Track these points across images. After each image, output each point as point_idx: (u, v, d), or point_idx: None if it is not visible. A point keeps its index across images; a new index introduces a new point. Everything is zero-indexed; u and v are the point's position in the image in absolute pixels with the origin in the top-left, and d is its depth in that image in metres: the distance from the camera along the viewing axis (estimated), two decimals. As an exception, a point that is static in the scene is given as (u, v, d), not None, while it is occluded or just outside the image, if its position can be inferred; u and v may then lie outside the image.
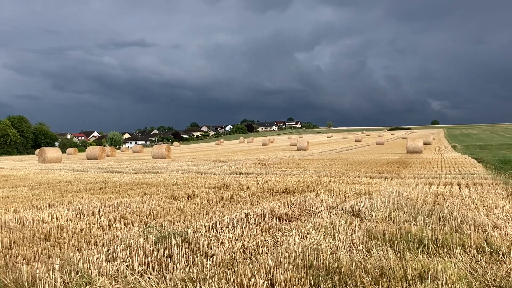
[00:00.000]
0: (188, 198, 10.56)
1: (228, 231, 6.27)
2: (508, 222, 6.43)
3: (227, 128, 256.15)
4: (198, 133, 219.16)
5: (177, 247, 5.20)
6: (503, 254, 4.84)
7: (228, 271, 4.32)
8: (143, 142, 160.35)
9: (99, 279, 3.80)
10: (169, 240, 5.41)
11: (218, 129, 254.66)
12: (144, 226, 6.99)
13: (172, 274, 4.31)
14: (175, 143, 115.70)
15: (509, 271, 4.32)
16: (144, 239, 5.61)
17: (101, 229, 7.01)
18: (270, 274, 4.22)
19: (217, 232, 6.30)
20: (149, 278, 3.98)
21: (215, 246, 5.41)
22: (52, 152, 37.45)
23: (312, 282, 4.02)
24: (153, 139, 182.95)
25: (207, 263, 4.66)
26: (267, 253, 5.06)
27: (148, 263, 4.79)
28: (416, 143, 36.95)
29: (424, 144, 47.55)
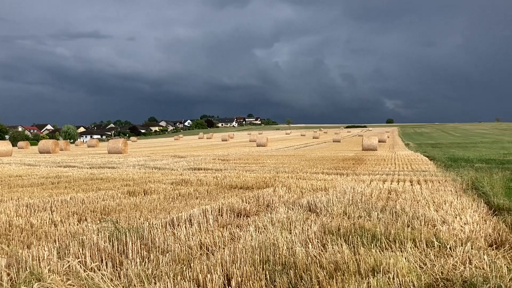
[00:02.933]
0: (144, 194, 10.39)
1: (185, 227, 6.22)
2: (456, 217, 6.72)
3: (186, 124, 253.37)
4: (157, 128, 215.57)
5: (132, 243, 5.11)
6: (450, 248, 5.06)
7: (184, 267, 4.29)
8: (99, 136, 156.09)
9: (49, 276, 3.67)
10: (124, 236, 5.31)
11: (177, 124, 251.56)
12: (99, 222, 6.82)
13: (127, 270, 4.23)
14: (132, 138, 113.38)
15: (456, 264, 4.51)
16: (98, 235, 5.47)
17: (53, 225, 6.77)
18: (227, 270, 4.22)
19: (174, 228, 6.24)
20: (102, 274, 3.89)
21: (171, 242, 5.36)
22: (1, 145, 35.81)
23: (268, 277, 4.06)
24: (110, 133, 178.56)
25: (163, 259, 4.60)
26: (224, 248, 5.06)
27: (102, 260, 4.68)
28: (371, 140, 37.92)
29: (379, 141, 48.86)
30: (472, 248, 4.99)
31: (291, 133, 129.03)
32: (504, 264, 4.48)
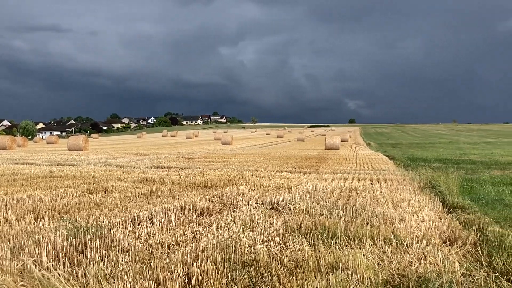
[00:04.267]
0: (105, 192, 10.18)
1: (147, 225, 6.15)
2: (413, 215, 6.94)
3: (149, 121, 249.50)
4: (119, 125, 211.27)
5: (91, 242, 5.00)
6: (407, 245, 5.22)
7: (145, 266, 4.24)
8: (59, 133, 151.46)
9: (1, 276, 3.54)
10: (82, 235, 5.19)
11: (140, 121, 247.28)
12: (57, 220, 6.63)
13: (85, 270, 4.13)
14: (94, 135, 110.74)
15: (411, 260, 4.66)
16: (56, 234, 5.33)
17: (7, 224, 6.53)
18: (188, 268, 4.20)
19: (135, 226, 6.15)
20: (59, 274, 3.79)
21: (132, 241, 5.28)
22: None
23: (229, 275, 4.07)
24: (70, 130, 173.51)
25: (122, 258, 4.53)
26: (185, 247, 5.03)
27: (59, 259, 4.55)
28: (334, 140, 38.58)
29: (341, 141, 49.78)
30: (427, 245, 5.16)
31: (256, 132, 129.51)
32: (457, 260, 4.67)
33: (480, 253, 5.11)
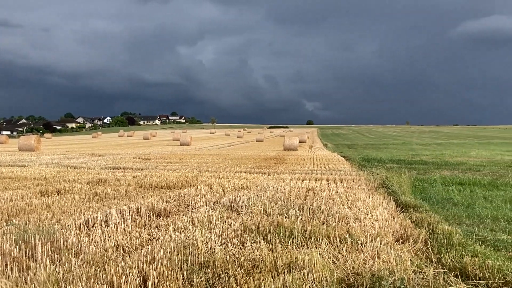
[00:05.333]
0: (58, 194, 9.83)
1: (101, 228, 5.99)
2: (367, 214, 7.12)
3: (105, 121, 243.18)
4: (73, 125, 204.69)
5: (41, 246, 4.82)
6: (361, 244, 5.35)
7: (98, 270, 4.13)
8: (9, 133, 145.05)
9: None
10: (32, 238, 4.99)
11: (96, 121, 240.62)
12: (5, 224, 6.35)
13: (35, 274, 3.98)
14: (46, 135, 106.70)
15: (366, 258, 4.79)
16: (3, 238, 5.10)
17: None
18: (143, 271, 4.13)
19: (89, 229, 5.98)
20: (6, 279, 3.63)
21: (85, 244, 5.13)
22: None
23: (186, 277, 4.03)
24: (21, 129, 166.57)
25: (75, 262, 4.40)
26: (141, 249, 4.94)
27: (7, 264, 4.36)
28: (292, 141, 39.00)
29: (300, 142, 50.38)
30: (381, 244, 5.31)
31: (216, 132, 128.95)
32: (408, 258, 4.83)
33: (430, 251, 5.32)
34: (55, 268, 4.18)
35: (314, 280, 3.97)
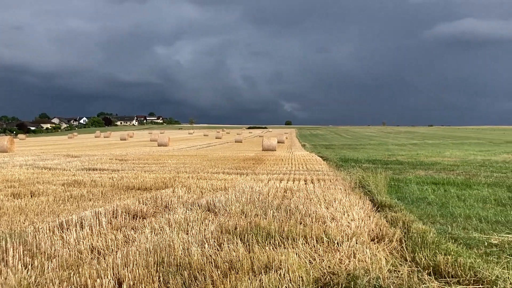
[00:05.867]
0: (31, 196, 9.63)
1: (76, 230, 5.89)
2: (344, 214, 7.20)
3: (81, 121, 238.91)
4: (48, 125, 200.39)
5: (13, 250, 4.71)
6: (338, 243, 5.40)
7: (72, 273, 4.06)
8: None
9: None
10: (4, 242, 4.88)
11: (72, 121, 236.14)
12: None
13: (6, 279, 3.89)
14: (20, 136, 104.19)
15: (342, 258, 4.84)
16: (-27, 242, 4.97)
17: None
18: (118, 274, 4.08)
19: (63, 232, 5.87)
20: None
21: (59, 247, 5.04)
22: None
23: (161, 279, 4.00)
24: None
25: (48, 265, 4.31)
26: (117, 252, 4.88)
27: (-24, 270, 4.25)
28: (271, 141, 39.10)
29: (278, 142, 50.57)
30: (356, 243, 5.38)
31: (194, 133, 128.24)
32: (383, 257, 4.90)
33: (405, 249, 5.41)
34: (27, 272, 4.09)
35: (290, 280, 4.00)
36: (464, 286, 4.29)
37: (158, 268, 4.27)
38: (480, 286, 4.27)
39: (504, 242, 6.32)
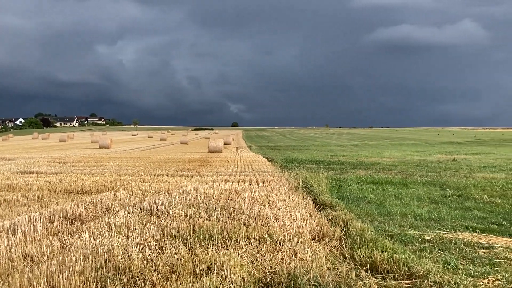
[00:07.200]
0: (-41, 202, 9.02)
1: (7, 237, 5.59)
2: (287, 214, 7.31)
3: (17, 122, 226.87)
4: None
5: None
6: (280, 243, 5.48)
7: (2, 282, 3.85)
8: None
9: None
10: None
11: (6, 122, 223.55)
12: None
13: None
14: None
15: (283, 257, 4.91)
16: None
17: None
18: (52, 281, 3.92)
19: (-7, 239, 5.55)
20: None
21: (-12, 256, 4.76)
22: None
23: (99, 284, 3.89)
24: None
25: (-25, 275, 4.06)
26: (52, 258, 4.68)
27: None
28: (217, 143, 39.02)
29: (225, 144, 50.58)
30: (298, 242, 5.48)
31: (138, 134, 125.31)
32: (324, 255, 5.03)
33: (344, 247, 5.58)
34: (-49, 284, 3.84)
35: (231, 281, 4.01)
36: (398, 281, 4.49)
37: (96, 273, 4.14)
38: (413, 280, 4.49)
39: (436, 238, 6.68)
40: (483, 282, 4.51)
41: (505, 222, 7.91)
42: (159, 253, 4.84)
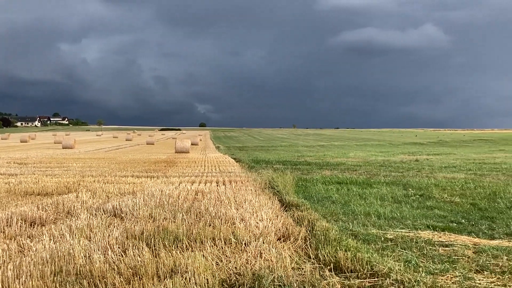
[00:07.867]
0: None
1: (-39, 242, 5.36)
2: (253, 214, 7.32)
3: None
4: None
5: None
6: (245, 244, 5.48)
7: (-46, 289, 3.69)
8: None
9: None
10: None
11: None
12: None
13: None
14: None
15: (248, 258, 4.92)
16: None
17: None
18: (8, 287, 3.77)
19: None
20: None
21: None
22: None
23: (58, 289, 3.78)
24: None
25: None
26: (9, 263, 4.51)
27: None
28: (184, 143, 38.68)
29: (192, 144, 50.20)
30: (263, 243, 5.50)
31: (103, 134, 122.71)
32: (288, 255, 5.06)
33: (309, 247, 5.63)
34: None
35: (195, 283, 3.98)
36: (361, 280, 4.57)
37: (55, 278, 4.02)
38: (376, 279, 4.57)
39: (398, 237, 6.83)
40: (442, 279, 4.65)
41: (463, 221, 8.18)
42: (122, 256, 4.76)
